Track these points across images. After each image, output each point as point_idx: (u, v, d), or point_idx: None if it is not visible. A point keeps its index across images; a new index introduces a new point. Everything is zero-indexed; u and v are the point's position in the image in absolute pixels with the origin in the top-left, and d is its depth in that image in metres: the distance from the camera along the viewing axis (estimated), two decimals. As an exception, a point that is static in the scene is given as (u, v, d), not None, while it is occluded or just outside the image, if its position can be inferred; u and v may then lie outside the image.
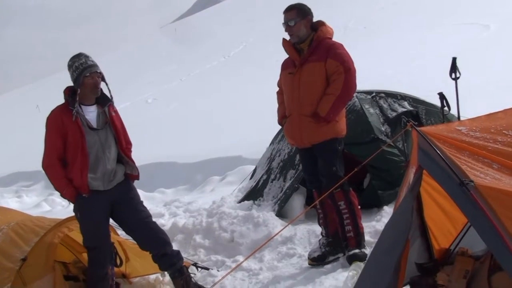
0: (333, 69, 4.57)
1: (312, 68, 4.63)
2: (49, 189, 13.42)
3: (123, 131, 4.56)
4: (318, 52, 4.64)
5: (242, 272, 4.98)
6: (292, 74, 4.75)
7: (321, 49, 4.64)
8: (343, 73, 4.54)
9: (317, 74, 4.62)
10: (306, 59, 4.67)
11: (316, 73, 4.62)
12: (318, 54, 4.63)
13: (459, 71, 5.56)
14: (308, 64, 4.66)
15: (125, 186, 4.53)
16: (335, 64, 4.56)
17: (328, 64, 4.58)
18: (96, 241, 4.45)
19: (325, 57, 4.59)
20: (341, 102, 4.60)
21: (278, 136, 7.19)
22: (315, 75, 4.62)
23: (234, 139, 13.28)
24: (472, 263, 3.51)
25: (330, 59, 4.58)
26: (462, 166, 2.57)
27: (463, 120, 3.05)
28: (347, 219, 4.69)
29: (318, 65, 4.61)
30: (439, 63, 11.28)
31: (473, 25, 20.43)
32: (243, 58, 30.69)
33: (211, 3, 78.78)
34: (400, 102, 6.43)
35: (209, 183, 9.80)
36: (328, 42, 4.69)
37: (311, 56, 4.66)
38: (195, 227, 6.20)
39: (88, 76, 4.30)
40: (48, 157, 4.37)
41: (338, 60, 4.56)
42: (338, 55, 4.59)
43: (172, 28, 58.10)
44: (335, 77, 4.56)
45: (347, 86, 4.55)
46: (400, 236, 2.73)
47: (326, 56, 4.59)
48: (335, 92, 4.54)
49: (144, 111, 22.38)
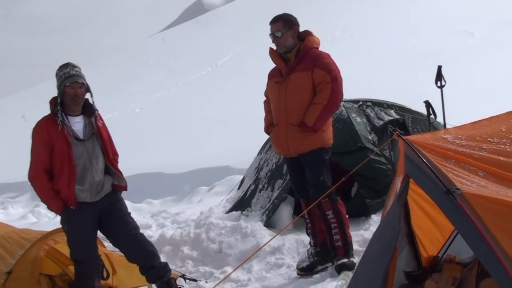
0: (320, 78, 4.58)
1: (299, 77, 4.64)
2: (35, 201, 13.26)
3: (110, 142, 4.53)
4: (305, 62, 4.65)
5: (231, 283, 4.95)
6: (279, 84, 4.76)
7: (308, 58, 4.65)
8: (330, 82, 4.55)
9: (304, 83, 4.62)
10: (293, 69, 4.68)
11: (303, 82, 4.63)
12: (305, 64, 4.64)
13: (445, 79, 5.59)
14: (295, 74, 4.66)
15: (113, 197, 4.50)
16: (322, 73, 4.57)
17: (315, 73, 4.59)
18: (83, 253, 4.40)
19: (312, 67, 4.60)
20: (328, 112, 4.61)
21: (266, 145, 7.18)
22: (302, 84, 4.63)
23: (221, 149, 13.26)
24: (460, 270, 3.53)
25: (317, 68, 4.59)
26: (448, 174, 2.58)
27: (448, 129, 3.07)
28: (335, 228, 4.68)
29: (305, 74, 4.62)
30: (425, 71, 11.38)
31: (458, 33, 20.64)
32: (231, 68, 30.70)
33: (199, 12, 78.97)
34: (387, 110, 6.45)
35: (197, 193, 9.74)
36: (315, 51, 4.71)
37: (298, 65, 4.67)
38: (182, 238, 6.16)
39: (68, 86, 4.28)
40: (35, 169, 4.33)
41: (325, 69, 4.58)
42: (325, 64, 4.60)
43: (159, 38, 58.06)
44: (322, 87, 4.58)
45: (334, 96, 4.56)
46: (388, 245, 2.73)
47: (313, 65, 4.60)
48: (322, 101, 4.55)
49: (132, 121, 22.29)
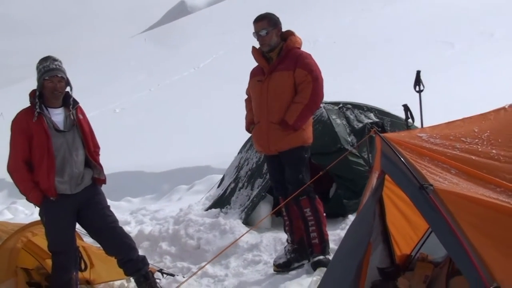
0: (301, 78, 4.66)
1: (281, 76, 4.71)
2: (12, 197, 13.15)
3: (91, 134, 4.55)
4: (287, 61, 4.72)
5: (208, 278, 5.01)
6: (261, 82, 4.83)
7: (290, 58, 4.72)
8: (311, 82, 4.63)
9: (286, 82, 4.69)
10: (275, 68, 4.75)
11: (284, 81, 4.70)
12: (287, 63, 4.71)
13: (423, 84, 5.72)
14: (276, 73, 4.74)
15: (92, 190, 4.51)
16: (303, 73, 4.65)
17: (296, 73, 4.67)
18: (61, 245, 4.41)
19: (294, 66, 4.68)
20: (308, 111, 4.69)
21: (246, 145, 7.24)
22: (283, 83, 4.70)
23: (202, 149, 13.27)
24: (432, 269, 3.62)
25: (298, 68, 4.67)
26: (422, 170, 2.66)
27: (424, 128, 3.17)
28: (313, 226, 4.75)
29: (286, 74, 4.69)
30: (405, 78, 11.54)
31: (438, 43, 20.95)
32: (213, 70, 30.69)
33: (182, 14, 78.77)
34: (366, 113, 6.56)
35: (177, 192, 9.75)
36: (297, 51, 4.78)
37: (280, 64, 4.74)
38: (161, 234, 6.19)
39: (48, 80, 4.30)
40: (14, 160, 4.32)
41: (306, 69, 4.66)
42: (306, 64, 4.68)
43: (141, 38, 57.83)
44: (303, 86, 4.65)
45: (314, 95, 4.64)
46: (362, 239, 2.80)
47: (294, 65, 4.68)
48: (303, 100, 4.63)
49: (112, 121, 22.16)
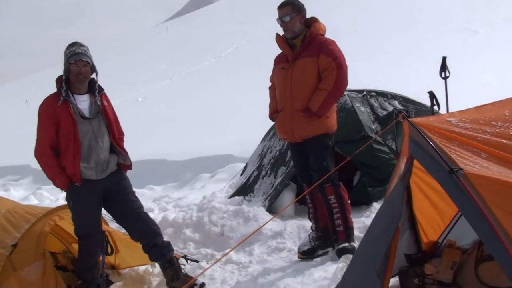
0: (325, 65, 4.62)
1: (305, 63, 4.68)
2: (37, 184, 13.37)
3: (115, 121, 4.58)
4: (311, 48, 4.69)
5: (232, 265, 5.02)
6: (285, 69, 4.80)
7: (314, 45, 4.69)
8: (335, 69, 4.59)
9: (310, 69, 4.67)
10: (299, 55, 4.72)
11: (308, 68, 4.67)
12: (311, 50, 4.68)
13: (449, 70, 5.63)
14: (300, 60, 4.71)
15: (118, 176, 4.55)
16: (327, 60, 4.61)
17: (320, 60, 4.63)
18: (88, 230, 4.47)
19: (318, 53, 4.64)
20: (332, 98, 4.66)
21: (269, 133, 7.24)
22: (307, 70, 4.67)
23: (224, 138, 13.28)
24: (459, 255, 3.59)
25: (322, 55, 4.63)
26: (452, 155, 2.63)
27: (453, 112, 3.11)
28: (337, 213, 4.73)
29: (310, 60, 4.66)
30: (429, 67, 11.37)
31: (462, 30, 20.62)
32: (234, 59, 30.70)
33: (204, 3, 78.90)
34: (391, 101, 6.50)
35: (199, 180, 9.79)
36: (321, 38, 4.75)
37: (304, 51, 4.71)
38: (185, 221, 6.22)
39: (73, 64, 4.33)
40: (41, 146, 4.37)
41: (331, 56, 4.61)
42: (330, 51, 4.64)
43: (164, 28, 57.99)
44: (327, 73, 4.61)
45: (338, 82, 4.61)
46: (390, 223, 2.78)
47: (318, 52, 4.64)
48: (327, 87, 4.60)
49: (134, 110, 22.29)
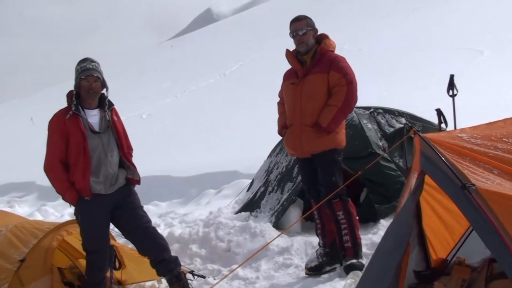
0: (335, 81, 4.66)
1: (315, 79, 4.72)
2: (42, 200, 13.37)
3: (124, 135, 4.61)
4: (321, 64, 4.73)
5: (239, 281, 5.00)
6: (295, 85, 4.84)
7: (324, 61, 4.74)
8: (345, 85, 4.63)
9: (320, 85, 4.70)
10: (309, 71, 4.76)
11: (318, 84, 4.71)
12: (321, 66, 4.72)
13: (457, 88, 5.65)
14: (311, 76, 4.75)
15: (126, 190, 4.56)
16: (337, 76, 4.65)
17: (330, 76, 4.68)
18: (96, 244, 4.46)
19: (328, 69, 4.69)
20: (342, 114, 4.69)
21: (276, 149, 7.25)
22: (317, 86, 4.71)
23: (229, 155, 13.30)
24: (469, 273, 3.56)
25: (333, 71, 4.68)
26: (464, 170, 2.63)
27: (464, 128, 3.12)
28: (345, 229, 4.72)
29: (320, 76, 4.70)
30: (433, 86, 11.42)
31: (467, 50, 20.69)
32: (239, 77, 30.84)
33: (209, 21, 79.47)
34: (398, 118, 6.51)
35: (205, 196, 9.79)
36: (331, 55, 4.80)
37: (314, 67, 4.75)
38: (191, 237, 6.21)
39: (84, 79, 4.37)
40: (50, 160, 4.38)
41: (341, 72, 4.66)
42: (341, 68, 4.69)
43: (168, 45, 58.36)
44: (337, 89, 4.65)
45: (348, 98, 4.64)
46: (401, 239, 2.78)
47: (329, 68, 4.69)
48: (337, 103, 4.63)
49: (139, 126, 22.35)
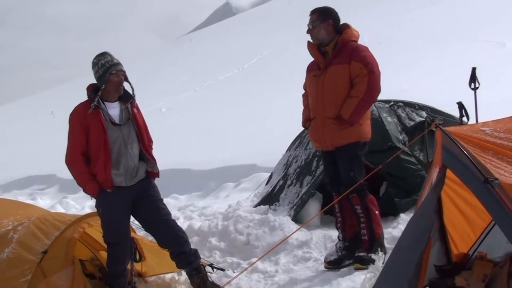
0: (356, 71, 4.58)
1: (336, 70, 4.65)
2: (63, 193, 13.54)
3: (145, 128, 4.63)
4: (342, 55, 4.66)
5: (258, 274, 5.01)
6: (317, 77, 4.78)
7: (345, 51, 4.65)
8: (367, 75, 4.54)
9: (341, 76, 4.63)
10: (330, 62, 4.70)
11: (340, 75, 4.64)
12: (342, 57, 4.65)
13: (478, 81, 5.57)
14: (332, 67, 4.68)
15: (146, 183, 4.59)
16: (358, 66, 4.57)
17: (352, 66, 4.60)
18: (116, 236, 4.50)
19: (349, 60, 4.61)
20: (364, 105, 4.60)
21: (295, 142, 7.24)
22: (339, 77, 4.64)
23: (247, 148, 13.32)
24: (491, 267, 3.52)
25: (353, 61, 4.59)
26: (487, 164, 2.60)
27: (486, 122, 3.07)
28: (363, 223, 4.71)
29: (342, 67, 4.63)
30: (454, 79, 11.28)
31: (489, 43, 20.42)
32: (257, 71, 30.85)
33: (227, 15, 79.43)
34: (418, 111, 6.45)
35: (224, 189, 9.83)
36: (353, 44, 4.70)
37: (335, 58, 4.68)
38: (210, 230, 6.23)
39: (114, 74, 4.38)
40: (71, 153, 4.42)
41: (362, 62, 4.57)
42: (362, 57, 4.59)
43: (187, 39, 58.49)
44: (359, 80, 4.57)
45: (370, 89, 4.55)
46: (423, 233, 2.75)
47: (350, 58, 4.61)
48: (358, 94, 4.55)
49: (158, 120, 22.52)
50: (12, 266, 4.28)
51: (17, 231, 4.55)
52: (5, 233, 4.56)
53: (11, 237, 4.49)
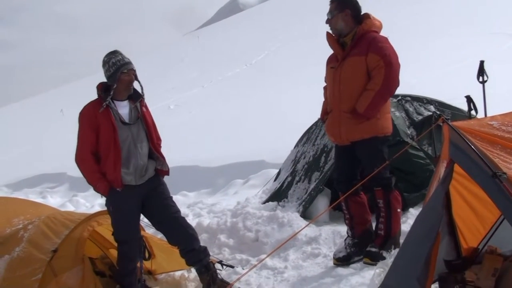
0: (374, 63, 4.42)
1: (353, 62, 4.51)
2: (73, 191, 13.61)
3: (154, 126, 4.65)
4: (360, 46, 4.50)
5: (267, 271, 5.01)
6: (334, 69, 4.65)
7: (364, 43, 4.49)
8: (384, 67, 4.37)
9: (358, 69, 4.48)
10: (348, 53, 4.56)
11: (357, 67, 4.49)
12: (360, 48, 4.49)
13: (487, 74, 5.53)
14: (349, 59, 4.54)
15: (156, 181, 4.60)
16: (376, 58, 4.40)
17: (369, 58, 4.44)
18: (127, 235, 4.53)
19: (367, 51, 4.45)
20: (381, 98, 4.43)
21: (303, 138, 7.23)
22: (355, 70, 4.50)
23: (256, 144, 13.31)
24: (501, 261, 3.51)
25: (371, 53, 4.43)
26: (495, 159, 2.58)
27: (494, 115, 3.05)
28: (382, 217, 4.64)
29: (359, 59, 4.48)
30: (463, 72, 11.20)
31: (497, 35, 20.25)
32: (265, 66, 30.76)
33: (234, 11, 79.48)
34: (426, 106, 6.42)
35: (232, 186, 9.83)
36: (371, 35, 4.53)
37: (352, 50, 4.54)
38: (219, 227, 6.25)
39: (126, 73, 4.40)
40: (81, 151, 4.44)
41: (379, 54, 4.40)
42: (379, 49, 4.42)
43: (195, 35, 58.52)
44: (376, 72, 4.41)
45: (387, 81, 4.38)
46: (431, 228, 2.75)
47: (367, 50, 4.45)
48: (374, 87, 4.40)
49: (166, 117, 22.55)
50: (22, 265, 4.31)
51: (27, 230, 4.58)
52: (16, 232, 4.59)
53: (22, 236, 4.53)
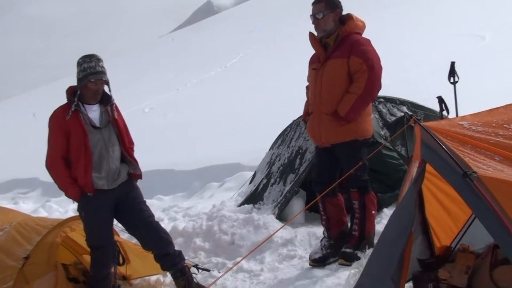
0: (356, 66, 4.37)
1: (335, 64, 4.46)
2: (46, 196, 13.40)
3: (126, 130, 4.59)
4: (343, 48, 4.44)
5: (243, 273, 5.00)
6: (316, 70, 4.61)
7: (346, 45, 4.43)
8: (366, 71, 4.33)
9: (339, 71, 4.44)
10: (330, 55, 4.51)
11: (338, 70, 4.44)
12: (342, 50, 4.44)
13: (458, 75, 5.62)
14: (331, 61, 4.49)
15: (129, 185, 4.55)
16: (358, 61, 4.36)
17: (351, 61, 4.39)
18: (100, 240, 4.47)
19: (349, 54, 4.40)
20: (362, 102, 4.40)
21: (277, 141, 7.24)
22: (337, 72, 4.45)
23: (231, 147, 13.30)
24: (473, 259, 3.55)
25: (353, 56, 4.38)
26: (465, 158, 2.61)
27: (464, 116, 3.09)
28: (357, 219, 4.65)
29: (340, 61, 4.43)
30: (435, 73, 11.35)
31: (468, 36, 20.60)
32: (240, 69, 30.77)
33: (210, 13, 79.38)
34: (399, 106, 6.48)
35: (208, 189, 9.80)
36: (354, 37, 4.47)
37: (335, 52, 4.48)
38: (195, 231, 6.21)
39: (92, 82, 4.32)
40: (52, 157, 4.37)
41: (362, 57, 4.35)
42: (362, 51, 4.37)
43: (169, 38, 58.25)
44: (358, 76, 4.37)
45: (369, 85, 4.34)
46: (404, 228, 2.77)
47: (349, 52, 4.39)
48: (356, 91, 4.36)
49: (141, 120, 22.37)
50: (-7, 272, 4.22)
51: (-2, 237, 4.49)
52: (-14, 239, 4.50)
53: (-8, 243, 4.44)
